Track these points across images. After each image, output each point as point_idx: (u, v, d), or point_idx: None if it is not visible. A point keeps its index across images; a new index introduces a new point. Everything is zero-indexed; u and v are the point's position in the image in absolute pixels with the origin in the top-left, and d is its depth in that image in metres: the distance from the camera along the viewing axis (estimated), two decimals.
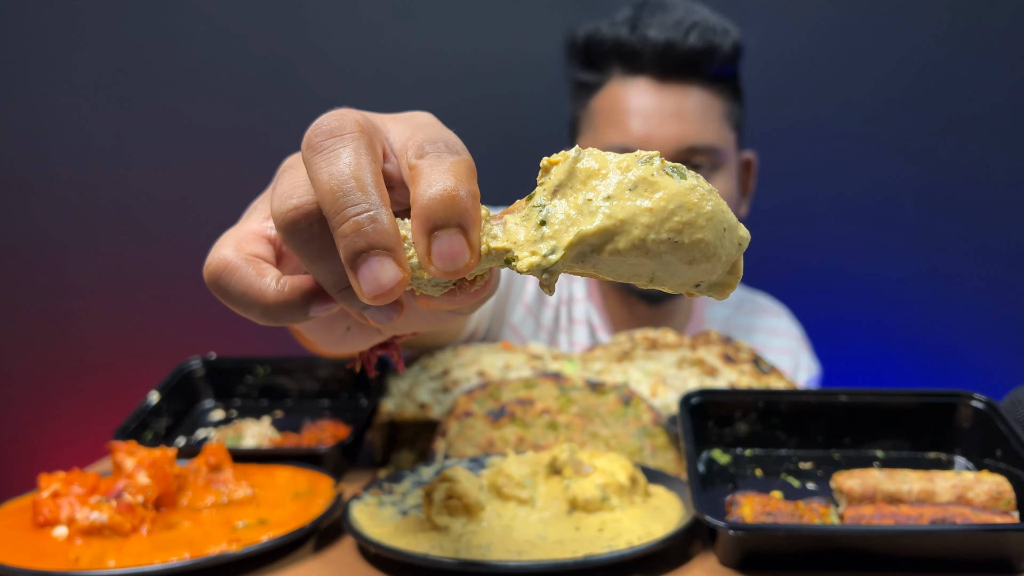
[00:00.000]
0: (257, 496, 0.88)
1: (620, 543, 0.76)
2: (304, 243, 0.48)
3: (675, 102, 1.31)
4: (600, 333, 1.50)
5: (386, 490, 0.89)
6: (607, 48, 1.33)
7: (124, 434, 1.04)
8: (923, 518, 0.76)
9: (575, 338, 1.49)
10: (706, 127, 1.32)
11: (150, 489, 0.84)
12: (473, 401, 1.00)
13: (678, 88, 1.32)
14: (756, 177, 1.52)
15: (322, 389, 1.22)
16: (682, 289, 0.49)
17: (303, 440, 1.08)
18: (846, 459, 0.93)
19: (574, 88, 1.42)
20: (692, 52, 1.29)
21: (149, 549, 0.77)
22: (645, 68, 1.32)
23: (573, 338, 1.49)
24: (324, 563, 0.80)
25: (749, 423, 0.95)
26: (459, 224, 0.45)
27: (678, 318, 1.53)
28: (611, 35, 1.32)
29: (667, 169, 0.46)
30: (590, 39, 1.35)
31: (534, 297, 1.44)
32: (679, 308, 1.51)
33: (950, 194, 1.98)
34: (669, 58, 1.30)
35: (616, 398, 1.00)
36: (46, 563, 0.75)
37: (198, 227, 2.08)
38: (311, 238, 0.47)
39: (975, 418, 0.91)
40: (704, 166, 1.34)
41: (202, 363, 1.23)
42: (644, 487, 0.86)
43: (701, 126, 1.32)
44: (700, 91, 1.33)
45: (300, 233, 0.47)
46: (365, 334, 0.62)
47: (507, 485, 0.83)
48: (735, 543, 0.74)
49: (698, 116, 1.32)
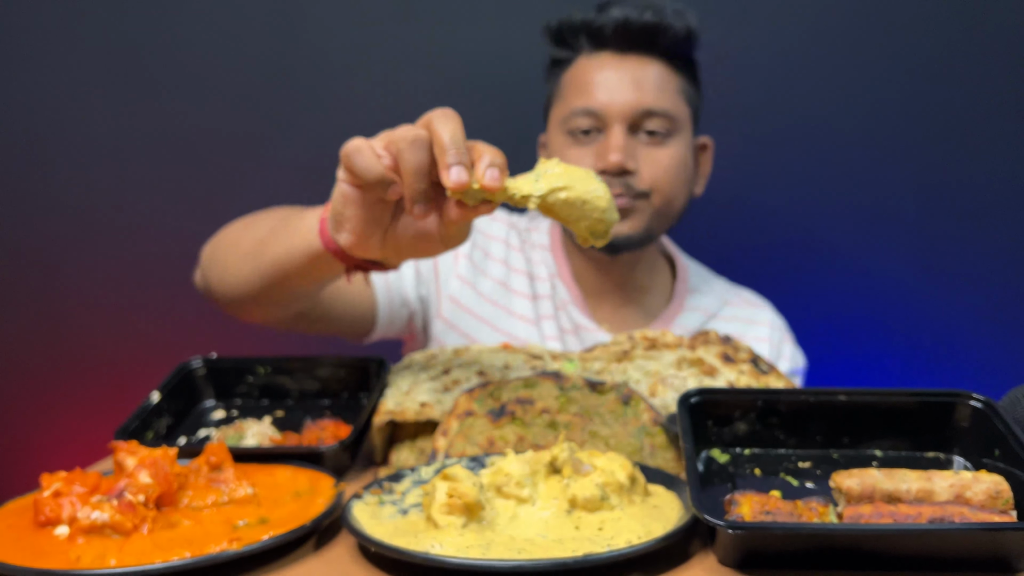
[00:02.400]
0: (258, 495, 0.89)
1: (619, 542, 0.76)
2: (418, 152, 0.86)
3: (634, 72, 1.48)
4: (556, 281, 1.61)
5: (386, 489, 0.90)
6: (576, 27, 1.51)
7: (125, 434, 1.05)
8: (921, 517, 0.76)
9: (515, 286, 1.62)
10: (661, 95, 1.48)
11: (151, 488, 0.84)
12: (473, 400, 1.01)
13: (637, 60, 1.49)
14: (712, 162, 1.65)
15: (323, 389, 1.22)
16: (585, 232, 0.90)
17: (304, 439, 1.08)
18: (845, 458, 0.94)
19: (549, 68, 1.60)
20: (647, 26, 1.47)
21: (150, 548, 0.77)
22: (608, 43, 1.49)
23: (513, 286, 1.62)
24: (324, 562, 0.80)
25: (748, 422, 0.96)
26: (498, 164, 0.86)
27: (652, 297, 1.64)
28: (580, 17, 1.51)
29: (595, 176, 0.90)
30: (562, 22, 1.53)
31: (468, 269, 1.60)
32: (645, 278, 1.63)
33: (950, 193, 1.98)
34: (627, 32, 1.47)
35: (616, 397, 1.01)
36: (47, 562, 0.75)
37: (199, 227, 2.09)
38: (424, 154, 0.86)
39: (973, 418, 0.91)
40: (659, 132, 1.48)
41: (203, 363, 1.23)
42: (643, 486, 0.86)
43: (657, 94, 1.47)
44: (657, 65, 1.49)
45: (419, 150, 0.86)
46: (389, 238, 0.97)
47: (507, 484, 0.83)
48: (734, 542, 0.74)
49: (654, 85, 1.48)
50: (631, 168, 1.45)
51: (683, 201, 1.54)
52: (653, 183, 1.48)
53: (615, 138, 1.45)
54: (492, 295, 1.60)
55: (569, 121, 1.50)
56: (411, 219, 0.95)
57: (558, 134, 1.53)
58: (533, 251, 1.65)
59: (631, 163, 1.45)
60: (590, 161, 1.47)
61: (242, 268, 1.22)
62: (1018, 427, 0.88)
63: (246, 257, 1.21)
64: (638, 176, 1.47)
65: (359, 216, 0.94)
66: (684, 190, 1.54)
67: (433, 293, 1.59)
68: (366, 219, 0.94)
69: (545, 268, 1.63)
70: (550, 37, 1.56)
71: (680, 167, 1.50)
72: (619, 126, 1.46)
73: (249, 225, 1.31)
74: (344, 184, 0.93)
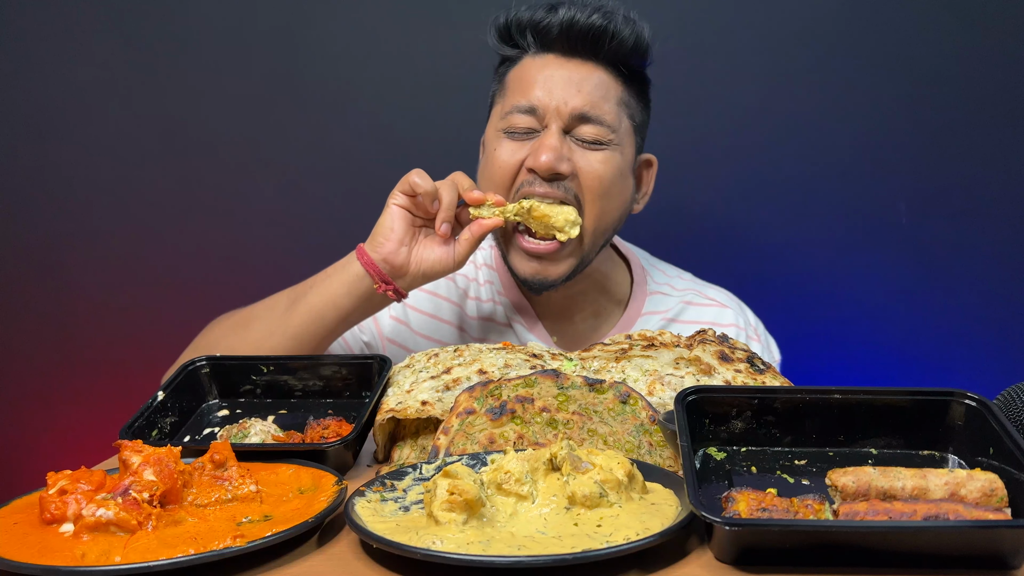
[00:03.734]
0: (261, 492, 0.90)
1: (618, 538, 0.77)
2: (452, 191, 1.35)
3: (575, 75, 1.45)
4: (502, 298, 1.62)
5: (388, 487, 0.90)
6: (523, 26, 1.49)
7: (130, 432, 1.06)
8: (917, 515, 0.77)
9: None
10: (599, 103, 1.44)
11: (156, 486, 0.85)
12: (474, 399, 1.02)
13: (581, 64, 1.46)
14: (654, 181, 1.61)
15: (325, 388, 1.23)
16: (562, 223, 1.39)
17: (307, 438, 1.09)
18: (840, 456, 0.94)
19: (496, 67, 1.57)
20: (591, 27, 1.43)
21: (155, 545, 0.78)
22: (554, 45, 1.47)
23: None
24: (327, 558, 0.81)
25: (744, 420, 0.96)
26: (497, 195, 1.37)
27: (603, 306, 1.63)
28: (527, 16, 1.49)
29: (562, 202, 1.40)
30: (510, 20, 1.51)
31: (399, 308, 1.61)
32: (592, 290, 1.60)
33: (943, 195, 1.99)
34: (571, 33, 1.44)
35: (614, 396, 1.02)
36: (53, 559, 0.76)
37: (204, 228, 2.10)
38: (455, 193, 1.36)
39: (968, 416, 0.92)
40: (587, 139, 1.44)
41: (207, 362, 1.24)
42: (641, 484, 0.87)
43: (594, 100, 1.44)
44: (601, 72, 1.46)
45: (453, 190, 1.35)
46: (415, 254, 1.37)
47: (507, 481, 0.84)
48: (731, 539, 0.75)
49: (593, 91, 1.44)
50: (563, 171, 1.40)
51: (616, 217, 1.49)
52: (586, 192, 1.43)
53: (550, 138, 1.40)
54: (422, 328, 1.60)
55: (507, 118, 1.46)
56: (430, 244, 1.37)
57: (494, 130, 1.49)
58: (479, 271, 1.64)
59: (563, 165, 1.40)
60: (520, 156, 1.43)
61: (269, 337, 1.40)
62: (1012, 425, 0.88)
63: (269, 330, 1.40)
64: (573, 181, 1.42)
65: (401, 228, 1.35)
66: (618, 204, 1.49)
67: (375, 339, 1.60)
68: (404, 231, 1.36)
69: (490, 287, 1.62)
70: (497, 34, 1.53)
71: (614, 177, 1.45)
72: (555, 126, 1.42)
73: (251, 316, 1.46)
74: (396, 203, 1.36)
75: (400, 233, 1.35)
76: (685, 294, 1.65)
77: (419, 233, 1.38)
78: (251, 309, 1.47)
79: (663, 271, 1.70)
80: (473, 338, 1.60)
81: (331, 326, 1.39)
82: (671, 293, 1.65)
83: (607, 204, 1.45)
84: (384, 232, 1.35)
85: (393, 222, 1.35)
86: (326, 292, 1.37)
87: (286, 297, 1.43)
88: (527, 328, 1.59)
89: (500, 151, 1.45)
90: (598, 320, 1.62)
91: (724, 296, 1.68)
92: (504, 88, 1.52)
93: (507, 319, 1.60)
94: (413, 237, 1.37)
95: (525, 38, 1.49)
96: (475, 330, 1.61)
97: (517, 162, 1.43)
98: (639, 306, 1.62)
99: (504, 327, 1.60)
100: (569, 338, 1.59)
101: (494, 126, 1.50)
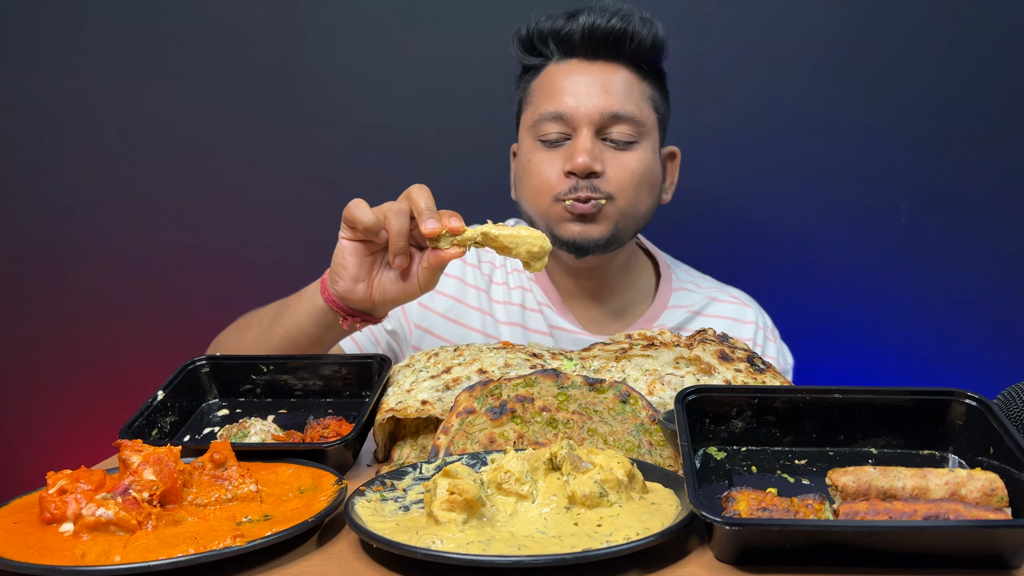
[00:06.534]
0: (261, 492, 0.90)
1: (618, 538, 0.77)
2: (401, 219, 1.14)
3: (601, 78, 1.50)
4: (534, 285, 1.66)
5: (388, 486, 0.90)
6: (545, 35, 1.54)
7: (130, 431, 1.06)
8: (917, 514, 0.77)
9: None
10: (628, 100, 1.50)
11: (156, 486, 0.85)
12: (474, 398, 1.02)
13: (604, 66, 1.52)
14: (679, 170, 1.67)
15: (325, 387, 1.23)
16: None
17: (307, 437, 1.09)
18: (840, 456, 0.94)
19: (519, 76, 1.63)
20: (613, 32, 1.49)
21: (155, 545, 0.78)
22: (576, 50, 1.52)
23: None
24: (327, 558, 0.81)
25: (744, 420, 0.96)
26: (457, 216, 1.12)
27: (630, 297, 1.67)
28: (548, 25, 1.54)
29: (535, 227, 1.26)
30: (533, 29, 1.56)
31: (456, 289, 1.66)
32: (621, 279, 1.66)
33: (943, 191, 1.99)
34: (594, 37, 1.50)
35: (614, 395, 1.02)
36: (53, 559, 0.76)
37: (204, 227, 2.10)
38: (405, 220, 1.14)
39: (968, 416, 0.92)
40: (622, 138, 1.49)
41: (207, 361, 1.24)
42: (641, 483, 0.87)
43: (624, 99, 1.50)
44: (625, 71, 1.52)
45: (402, 218, 1.14)
46: (376, 286, 1.21)
47: (507, 481, 0.84)
48: (731, 538, 0.75)
49: (621, 90, 1.50)
50: (597, 170, 1.46)
51: (648, 206, 1.55)
52: (619, 186, 1.48)
53: (583, 141, 1.46)
54: (448, 312, 1.63)
55: (538, 127, 1.51)
56: (391, 273, 1.21)
57: (527, 139, 1.55)
58: (506, 260, 1.67)
59: (597, 165, 1.46)
60: (559, 165, 1.49)
61: (257, 348, 1.42)
62: (1012, 425, 0.88)
63: (258, 339, 1.42)
64: (604, 179, 1.47)
65: (353, 264, 1.20)
66: (649, 195, 1.54)
67: (403, 325, 1.63)
68: (358, 266, 1.20)
69: (516, 276, 1.66)
70: (520, 45, 1.58)
71: (646, 171, 1.51)
72: (587, 130, 1.47)
73: (250, 321, 1.49)
74: (344, 239, 1.20)
75: (354, 270, 1.19)
76: (709, 291, 1.71)
77: (377, 263, 1.21)
78: (251, 316, 1.49)
79: (687, 271, 1.76)
80: (499, 322, 1.63)
81: (305, 349, 1.35)
82: (695, 290, 1.70)
83: (639, 194, 1.51)
84: (337, 270, 1.21)
85: (344, 259, 1.20)
86: (297, 319, 1.32)
87: (272, 312, 1.41)
88: (557, 312, 1.62)
89: (538, 164, 1.51)
90: (625, 310, 1.66)
91: (745, 296, 1.75)
92: (530, 96, 1.57)
93: (536, 304, 1.63)
94: (371, 269, 1.21)
95: (547, 47, 1.54)
96: (501, 315, 1.64)
97: (557, 172, 1.49)
98: (665, 299, 1.67)
99: (532, 311, 1.63)
100: (597, 325, 1.64)
101: (525, 135, 1.56)
